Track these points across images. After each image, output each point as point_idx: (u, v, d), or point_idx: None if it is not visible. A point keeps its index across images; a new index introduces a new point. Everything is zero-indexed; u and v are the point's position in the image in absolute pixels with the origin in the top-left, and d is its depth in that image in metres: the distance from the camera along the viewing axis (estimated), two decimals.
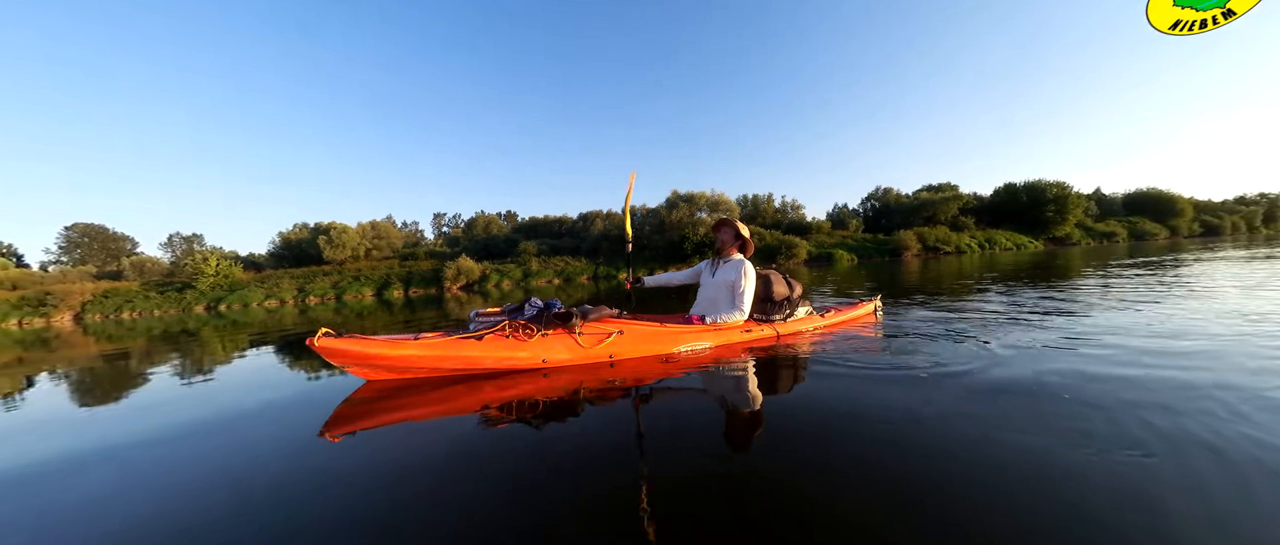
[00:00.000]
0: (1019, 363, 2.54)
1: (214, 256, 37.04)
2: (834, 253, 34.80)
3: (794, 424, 1.87)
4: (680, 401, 2.23)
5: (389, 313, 12.37)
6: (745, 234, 3.48)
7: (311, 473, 1.69)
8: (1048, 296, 5.34)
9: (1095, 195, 54.66)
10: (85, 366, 5.32)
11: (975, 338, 3.21)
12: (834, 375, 2.48)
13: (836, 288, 9.23)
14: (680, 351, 3.06)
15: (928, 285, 7.96)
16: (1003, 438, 1.63)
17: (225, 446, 2.08)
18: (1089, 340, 3.00)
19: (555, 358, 2.77)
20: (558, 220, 48.46)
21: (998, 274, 9.52)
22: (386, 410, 2.33)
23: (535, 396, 2.33)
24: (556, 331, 2.80)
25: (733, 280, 3.34)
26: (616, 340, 2.88)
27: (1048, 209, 42.81)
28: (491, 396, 2.38)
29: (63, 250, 51.68)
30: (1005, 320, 3.88)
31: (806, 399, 2.15)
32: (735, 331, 3.31)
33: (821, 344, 3.23)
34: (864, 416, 1.87)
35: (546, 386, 2.49)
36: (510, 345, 2.70)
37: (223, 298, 33.36)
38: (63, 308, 33.54)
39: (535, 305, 2.89)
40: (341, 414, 2.31)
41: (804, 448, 1.65)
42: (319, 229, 41.33)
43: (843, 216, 46.12)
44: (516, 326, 2.75)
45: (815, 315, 3.81)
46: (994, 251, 35.50)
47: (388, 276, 35.77)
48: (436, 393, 2.49)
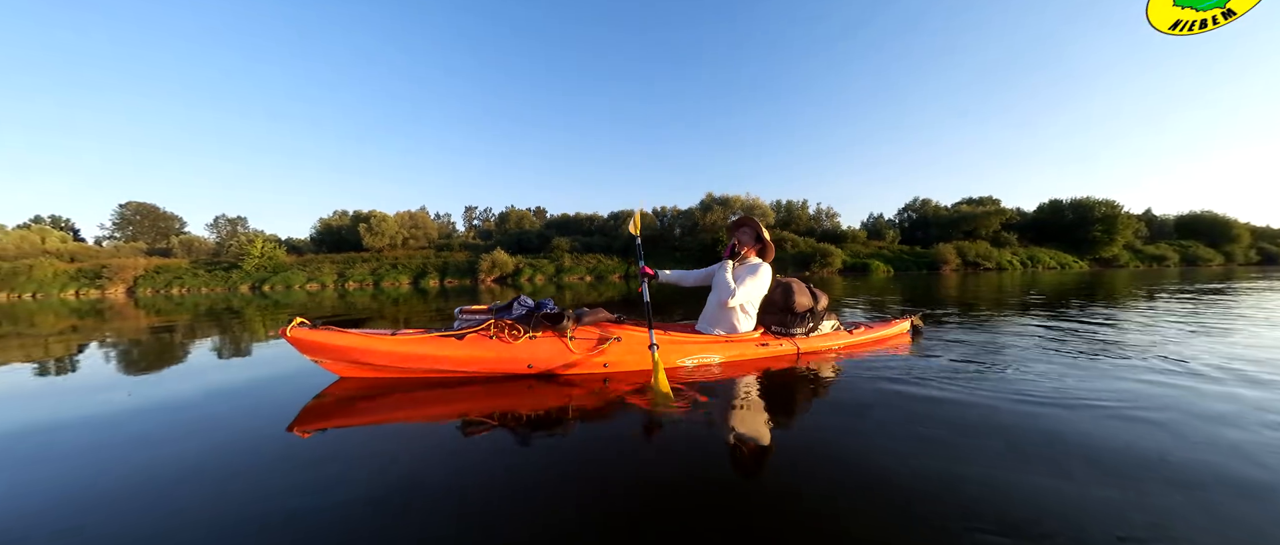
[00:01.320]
0: (1076, 406, 2.06)
1: (259, 239, 38.21)
2: (870, 263, 34.24)
3: (811, 463, 1.54)
4: (682, 424, 1.91)
5: (424, 300, 12.52)
6: (766, 236, 3.07)
7: (270, 467, 1.58)
8: (1097, 322, 4.80)
9: (1145, 216, 52.67)
10: (129, 338, 5.40)
11: (1024, 370, 2.71)
12: (861, 405, 2.08)
13: (870, 300, 8.59)
14: (685, 365, 2.73)
15: (967, 302, 7.34)
16: (1069, 517, 1.21)
17: (186, 428, 2.02)
18: (1176, 378, 2.48)
19: (543, 363, 2.50)
20: (589, 218, 48.73)
21: (1042, 295, 8.86)
22: (356, 411, 2.15)
23: (519, 406, 2.11)
24: (546, 334, 2.54)
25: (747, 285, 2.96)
26: (613, 348, 2.59)
27: (1095, 228, 41.36)
28: (472, 403, 2.17)
29: (116, 226, 54.11)
30: (1056, 349, 3.34)
31: (828, 434, 1.79)
32: (749, 345, 2.93)
33: (848, 365, 2.82)
34: (894, 472, 1.46)
35: (532, 396, 2.26)
36: (494, 347, 2.45)
37: (267, 279, 34.51)
38: (117, 281, 35.08)
39: (525, 304, 2.63)
40: (312, 409, 2.15)
41: (819, 496, 1.34)
42: (359, 217, 42.35)
43: (879, 226, 45.36)
44: (502, 327, 2.50)
45: (842, 331, 3.38)
46: (1036, 270, 34.43)
47: (424, 266, 36.50)
48: (413, 394, 2.30)
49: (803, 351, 3.06)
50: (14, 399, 2.64)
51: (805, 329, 3.17)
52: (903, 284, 14.88)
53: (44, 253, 39.91)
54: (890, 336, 3.66)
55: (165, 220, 55.77)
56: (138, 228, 53.99)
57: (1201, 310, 5.52)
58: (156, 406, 2.38)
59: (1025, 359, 2.98)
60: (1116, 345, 3.43)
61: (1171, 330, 4.07)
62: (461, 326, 2.53)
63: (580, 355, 2.54)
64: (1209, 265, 40.51)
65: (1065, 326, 4.42)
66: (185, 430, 1.99)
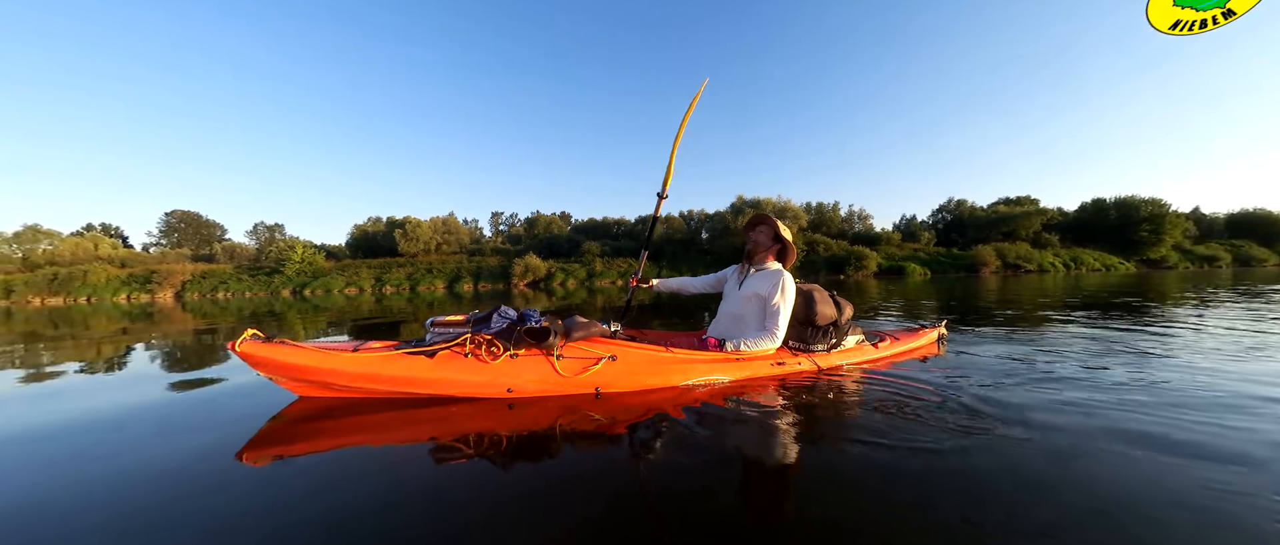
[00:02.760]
0: (1119, 425, 1.84)
1: (300, 245, 39.30)
2: (905, 266, 33.62)
3: (837, 499, 1.37)
4: (686, 455, 1.69)
5: (458, 304, 12.65)
6: (787, 236, 2.73)
7: (207, 502, 1.40)
8: (1148, 327, 4.41)
9: (1194, 214, 50.63)
10: (168, 339, 5.46)
11: (1064, 379, 2.51)
12: (888, 429, 1.85)
13: (905, 305, 8.10)
14: (689, 386, 2.42)
15: (1008, 306, 6.97)
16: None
17: (122, 448, 1.83)
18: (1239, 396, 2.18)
19: (524, 386, 2.21)
20: (616, 222, 48.91)
21: (1086, 297, 8.39)
22: (314, 435, 1.94)
23: (498, 432, 1.89)
24: (529, 352, 2.24)
25: (765, 294, 2.61)
26: (606, 367, 2.28)
27: (1141, 228, 39.89)
28: (444, 428, 1.95)
29: (163, 233, 56.28)
30: (1103, 355, 3.11)
31: (854, 464, 1.57)
32: (763, 364, 2.62)
33: (873, 383, 2.54)
34: (932, 506, 1.31)
35: (513, 418, 2.02)
36: (468, 367, 2.18)
37: (307, 283, 35.47)
38: (166, 285, 36.50)
39: (506, 316, 2.34)
40: (266, 434, 1.95)
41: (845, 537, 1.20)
42: (394, 223, 43.25)
43: (913, 228, 44.51)
44: (479, 342, 2.21)
45: (867, 345, 3.05)
46: (1080, 272, 33.37)
47: (458, 270, 37.08)
48: (378, 417, 2.08)
49: (823, 369, 2.72)
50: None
51: (827, 344, 2.82)
52: (940, 287, 14.37)
53: (97, 259, 41.70)
54: (919, 348, 3.35)
55: (207, 227, 57.80)
56: (182, 235, 56.08)
57: (1265, 315, 5.10)
58: (88, 421, 2.21)
59: (1059, 370, 2.70)
60: (1185, 360, 2.99)
61: (1231, 339, 3.66)
62: (434, 340, 2.22)
63: (569, 377, 2.22)
64: (1264, 265, 38.69)
65: (1115, 333, 4.07)
66: (112, 451, 1.79)
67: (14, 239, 42.83)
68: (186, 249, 51.96)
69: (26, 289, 35.19)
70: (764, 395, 2.33)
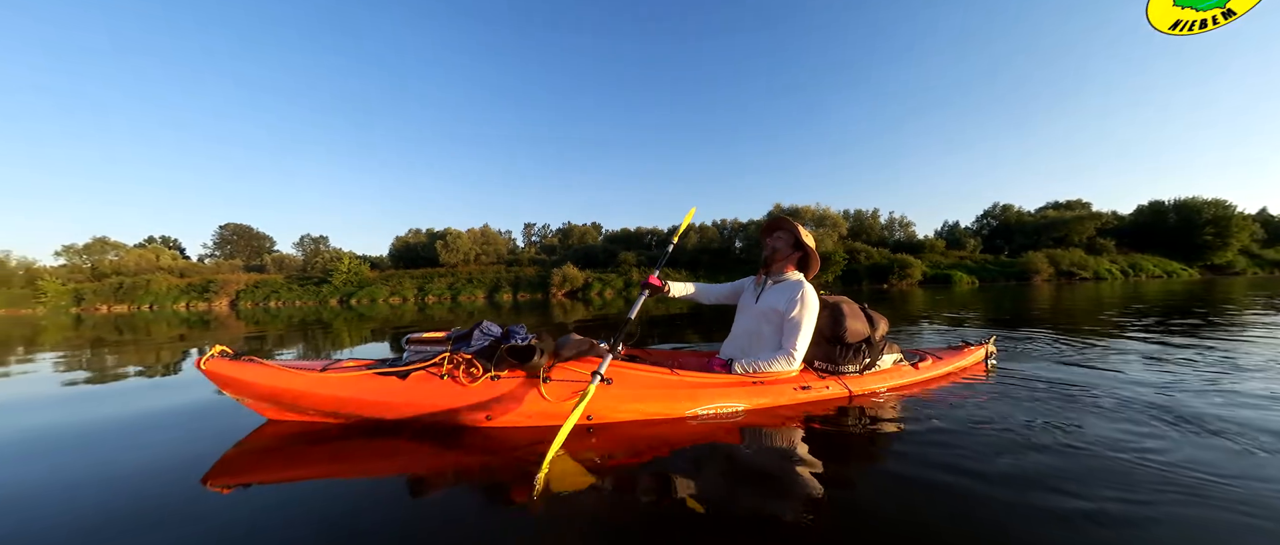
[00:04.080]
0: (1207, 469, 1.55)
1: (346, 257, 40.66)
2: (952, 274, 32.64)
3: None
4: (690, 501, 1.42)
5: (498, 314, 12.79)
6: (809, 243, 2.42)
7: (179, 527, 1.34)
8: (1225, 341, 3.99)
9: (1261, 216, 47.76)
10: (226, 346, 5.57)
11: (1134, 410, 2.16)
12: (931, 470, 1.58)
13: (952, 317, 7.43)
14: (697, 415, 2.12)
15: (1064, 318, 6.43)
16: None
17: (80, 469, 1.76)
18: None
19: (504, 413, 1.96)
20: (650, 231, 49.04)
21: (1150, 306, 7.89)
22: (278, 463, 1.82)
23: (474, 466, 1.70)
24: (512, 374, 1.99)
25: (783, 309, 2.30)
26: (599, 392, 1.96)
27: (1204, 232, 37.87)
28: (415, 460, 1.78)
29: (216, 245, 58.98)
30: (1181, 378, 2.75)
31: (891, 519, 1.32)
32: (785, 388, 2.29)
33: (914, 412, 2.23)
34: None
35: (491, 453, 1.80)
36: (443, 390, 1.95)
37: (353, 293, 36.64)
38: (221, 294, 38.25)
39: (488, 333, 2.10)
40: (231, 459, 1.83)
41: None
42: (434, 234, 44.34)
43: (957, 235, 43.29)
44: (458, 362, 1.98)
45: (905, 365, 2.73)
46: (1139, 278, 31.85)
47: (497, 280, 37.74)
48: (345, 445, 1.91)
49: (855, 394, 2.41)
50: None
51: (859, 365, 2.49)
52: (989, 297, 13.71)
53: (158, 269, 44.01)
54: (965, 368, 3.02)
55: (258, 239, 60.34)
56: (235, 246, 58.63)
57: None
58: (48, 440, 2.13)
59: (1130, 398, 2.32)
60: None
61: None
62: (410, 360, 2.03)
63: (555, 403, 1.95)
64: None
65: (1190, 349, 3.64)
66: (75, 475, 1.71)
67: (84, 250, 45.54)
68: (239, 260, 54.38)
69: (95, 297, 37.40)
70: (785, 427, 2.03)
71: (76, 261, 44.80)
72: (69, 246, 45.32)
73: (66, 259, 45.05)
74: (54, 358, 4.96)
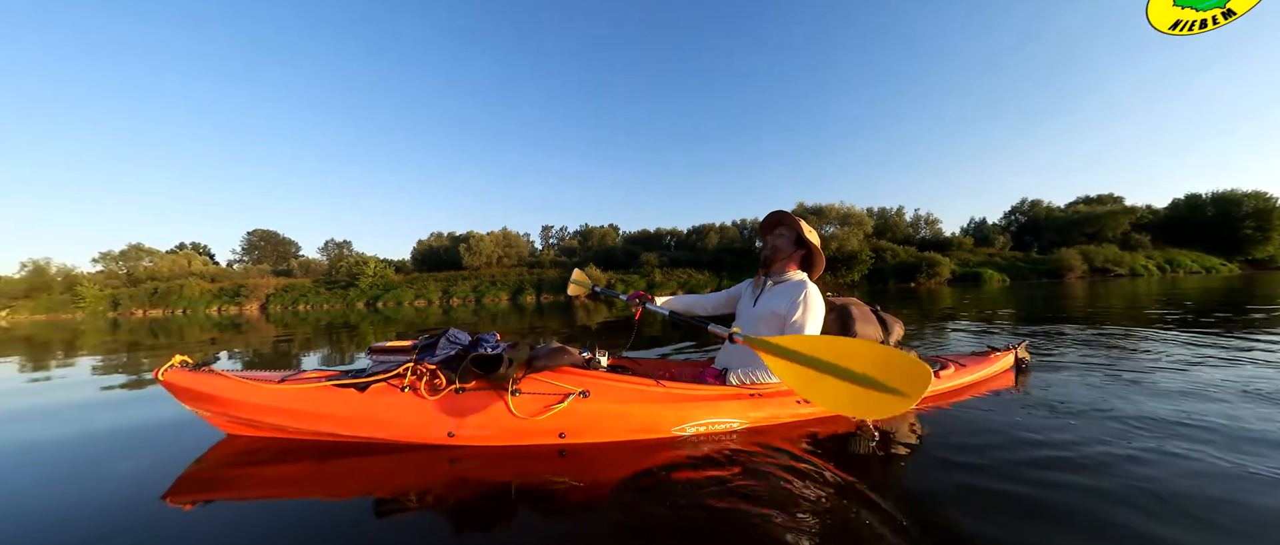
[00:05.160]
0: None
1: (372, 261, 41.27)
2: (981, 272, 32.02)
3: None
4: (675, 531, 1.29)
5: (520, 316, 12.72)
6: (812, 239, 2.18)
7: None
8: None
9: None
10: (255, 348, 5.80)
11: (1186, 424, 1.91)
12: (955, 502, 1.39)
13: (980, 316, 7.00)
14: (685, 433, 1.91)
15: (1100, 318, 6.09)
16: None
17: (41, 481, 1.73)
18: None
19: (469, 430, 1.79)
20: (669, 232, 48.95)
21: (1191, 304, 7.46)
22: (242, 480, 1.72)
23: (435, 491, 1.55)
24: (479, 386, 1.82)
25: (783, 313, 2.05)
26: (574, 406, 1.80)
27: (1244, 225, 36.65)
28: (374, 482, 1.64)
29: (245, 250, 60.26)
30: (1229, 383, 2.52)
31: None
32: (785, 402, 2.07)
33: (935, 428, 2.00)
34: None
35: (454, 476, 1.64)
36: (403, 404, 1.80)
37: (380, 296, 37.15)
38: (252, 298, 39.08)
39: (455, 341, 1.94)
40: (190, 476, 1.74)
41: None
42: (457, 237, 44.80)
43: (986, 232, 42.46)
44: (421, 373, 1.83)
45: None
46: (1177, 274, 30.93)
47: (520, 282, 37.97)
48: (311, 462, 1.78)
49: None
50: None
51: None
52: (1021, 295, 13.21)
53: (190, 274, 45.07)
54: (992, 376, 2.75)
55: (284, 244, 61.54)
56: (262, 251, 59.83)
57: None
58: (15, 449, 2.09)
59: (1194, 420, 2.00)
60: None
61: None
62: (372, 371, 1.88)
63: (524, 419, 1.78)
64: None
65: (1236, 350, 3.40)
66: (37, 483, 1.70)
67: (120, 256, 46.83)
68: (266, 265, 55.46)
69: (131, 302, 38.46)
70: (786, 448, 1.81)
71: (113, 267, 46.09)
72: (106, 253, 46.63)
73: (103, 265, 46.36)
74: (87, 361, 5.06)
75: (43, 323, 20.98)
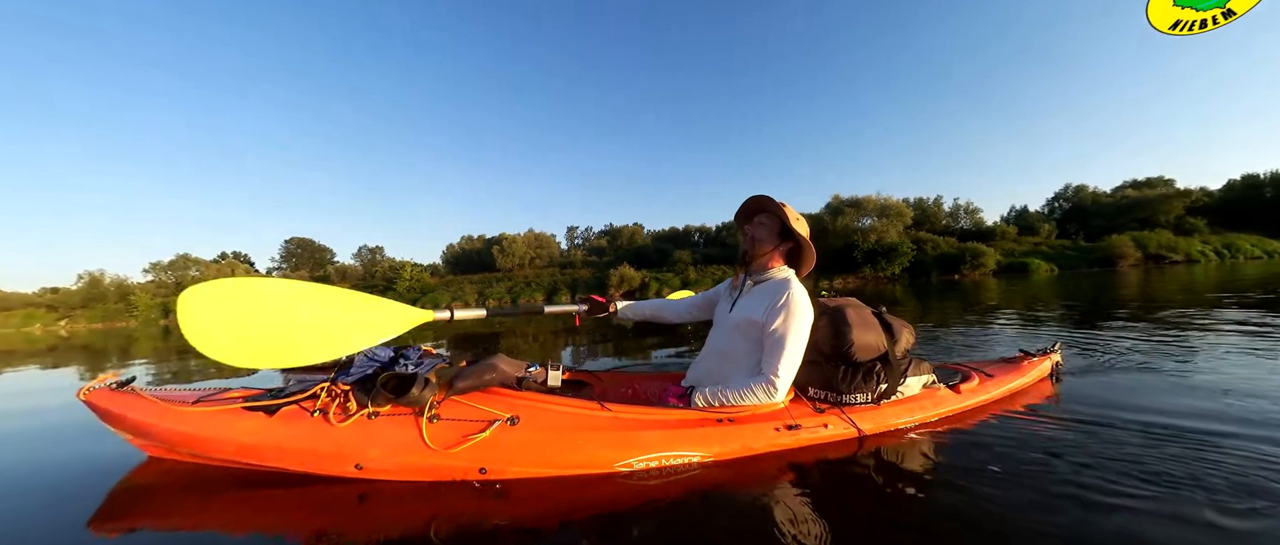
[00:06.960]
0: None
1: (408, 265, 42.08)
2: (1028, 262, 31.12)
3: None
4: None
5: (556, 316, 12.73)
6: (800, 229, 1.83)
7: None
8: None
9: None
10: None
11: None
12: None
13: (1023, 313, 6.37)
14: (632, 468, 1.60)
15: (1158, 308, 5.61)
16: None
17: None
18: None
19: (377, 461, 1.57)
20: (698, 229, 48.83)
21: (1259, 292, 6.86)
22: (163, 506, 1.58)
23: (341, 533, 1.36)
24: (393, 410, 1.60)
25: (761, 319, 1.74)
26: (499, 435, 1.55)
27: None
28: (279, 519, 1.46)
29: (283, 258, 61.97)
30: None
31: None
32: (763, 429, 1.71)
33: (953, 455, 1.68)
34: None
35: (361, 516, 1.44)
36: (309, 431, 1.58)
37: (416, 300, 37.79)
38: None
39: (374, 358, 1.76)
40: (117, 497, 1.63)
41: None
42: (490, 240, 45.38)
43: (1029, 220, 41.20)
44: (335, 394, 1.63)
45: (940, 389, 2.08)
46: (1237, 260, 29.58)
47: (555, 283, 38.23)
48: (227, 494, 1.62)
49: (867, 435, 1.80)
50: None
51: (872, 392, 1.85)
52: (1070, 284, 12.43)
53: None
54: (1022, 388, 2.34)
55: (319, 251, 63.01)
56: (299, 258, 61.41)
57: None
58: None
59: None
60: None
61: None
62: (289, 391, 1.69)
63: (438, 451, 1.53)
64: None
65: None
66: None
67: (169, 266, 48.61)
68: (304, 271, 56.96)
69: None
70: (762, 485, 1.50)
71: (162, 277, 47.86)
72: (155, 263, 48.41)
73: (154, 275, 48.18)
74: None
75: (99, 331, 21.90)
